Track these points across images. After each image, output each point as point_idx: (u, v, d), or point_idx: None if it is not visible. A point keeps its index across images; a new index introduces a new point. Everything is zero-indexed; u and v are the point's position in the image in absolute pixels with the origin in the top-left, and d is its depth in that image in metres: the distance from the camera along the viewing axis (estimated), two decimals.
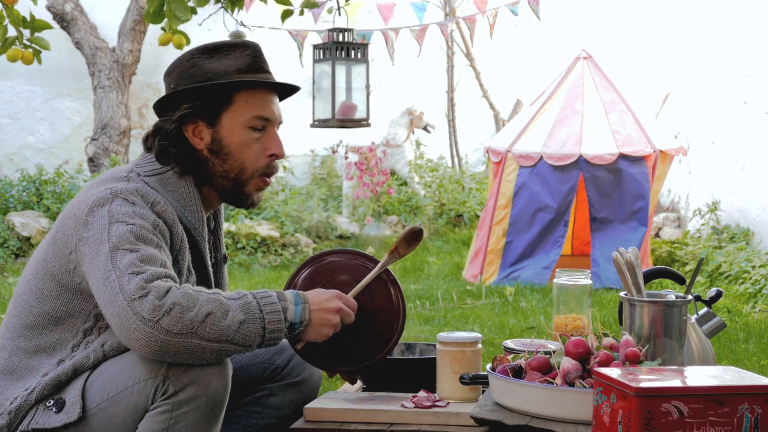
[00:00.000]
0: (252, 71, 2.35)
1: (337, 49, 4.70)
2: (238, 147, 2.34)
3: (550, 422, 2.17)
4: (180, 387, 2.13)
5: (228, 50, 2.35)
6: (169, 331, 2.04)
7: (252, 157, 2.36)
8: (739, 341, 5.30)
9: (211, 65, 2.33)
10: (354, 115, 4.74)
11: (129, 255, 2.12)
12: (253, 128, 2.34)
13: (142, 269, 2.09)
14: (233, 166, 2.35)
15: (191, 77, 2.33)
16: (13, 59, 3.79)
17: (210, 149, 2.34)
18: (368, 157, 8.96)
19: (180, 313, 2.05)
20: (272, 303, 2.15)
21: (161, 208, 2.23)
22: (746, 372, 2.07)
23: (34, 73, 9.97)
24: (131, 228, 2.15)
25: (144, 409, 2.16)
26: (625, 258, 2.39)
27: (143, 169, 2.32)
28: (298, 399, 2.55)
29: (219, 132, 2.34)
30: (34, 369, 2.26)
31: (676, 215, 9.27)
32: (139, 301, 2.05)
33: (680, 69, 9.51)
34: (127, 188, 2.23)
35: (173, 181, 2.32)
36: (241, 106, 2.33)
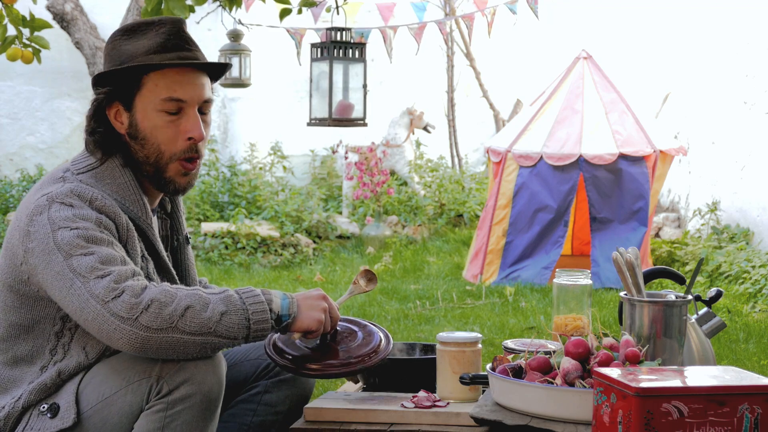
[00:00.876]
0: (164, 50, 2.28)
1: (335, 48, 4.70)
2: (152, 131, 2.28)
3: (550, 422, 2.16)
4: (174, 386, 2.12)
5: (144, 29, 2.29)
6: (148, 327, 2.04)
7: (167, 140, 2.30)
8: (739, 341, 5.30)
9: (127, 47, 2.28)
10: (351, 114, 4.74)
11: (86, 259, 2.09)
12: (166, 111, 2.28)
13: (107, 271, 2.08)
14: (151, 151, 2.30)
15: (109, 59, 2.31)
16: (13, 58, 3.78)
17: (129, 134, 2.30)
18: (368, 157, 8.96)
19: (158, 308, 2.05)
20: (255, 295, 2.15)
21: (100, 203, 2.20)
22: (746, 372, 2.06)
23: (34, 73, 9.97)
24: (77, 232, 2.12)
25: (139, 409, 2.15)
26: (625, 258, 2.38)
27: (78, 166, 2.29)
28: (293, 395, 2.53)
29: (134, 116, 2.29)
30: (17, 379, 2.26)
31: (676, 215, 9.26)
32: (114, 302, 2.04)
33: (680, 69, 9.51)
34: (62, 191, 2.19)
35: (109, 173, 2.28)
36: (151, 89, 2.27)
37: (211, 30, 9.59)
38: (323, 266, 7.97)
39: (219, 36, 9.61)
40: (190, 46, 2.32)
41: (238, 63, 6.27)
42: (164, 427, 2.13)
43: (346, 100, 4.74)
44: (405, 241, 8.74)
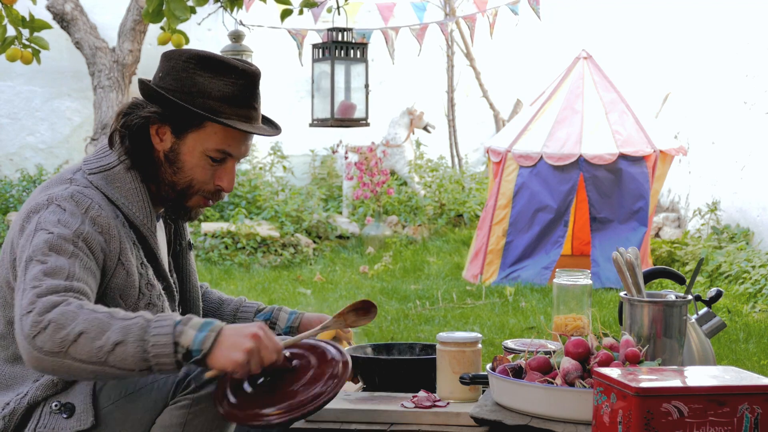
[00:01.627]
0: (236, 104, 2.28)
1: (336, 49, 4.70)
2: (192, 167, 2.30)
3: (550, 422, 2.16)
4: (201, 383, 2.14)
5: (224, 71, 2.29)
6: (41, 348, 1.97)
7: (202, 179, 2.32)
8: (739, 341, 5.30)
9: (201, 80, 2.27)
10: (353, 114, 4.74)
11: (37, 267, 2.09)
12: (212, 158, 2.30)
13: (41, 283, 2.05)
14: (181, 182, 2.31)
15: (177, 81, 2.28)
16: (13, 59, 3.79)
17: (166, 156, 2.30)
18: (368, 157, 8.96)
19: (53, 331, 1.97)
20: (164, 326, 1.99)
21: (95, 212, 2.20)
22: (746, 372, 2.07)
23: (34, 73, 9.97)
24: (48, 237, 2.12)
25: (163, 404, 2.17)
26: (625, 258, 2.38)
27: (91, 165, 2.30)
28: None
29: (180, 146, 2.29)
30: (20, 376, 2.26)
31: (676, 215, 9.26)
32: (26, 317, 2.01)
33: (680, 69, 9.51)
34: (63, 193, 2.20)
35: (120, 177, 2.29)
36: (209, 135, 2.28)
37: (211, 30, 9.60)
38: (323, 266, 7.97)
39: (220, 36, 9.62)
40: (257, 105, 2.34)
41: None
42: (186, 423, 2.15)
43: (348, 101, 4.74)
44: (405, 241, 8.74)
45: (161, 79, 2.31)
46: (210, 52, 2.32)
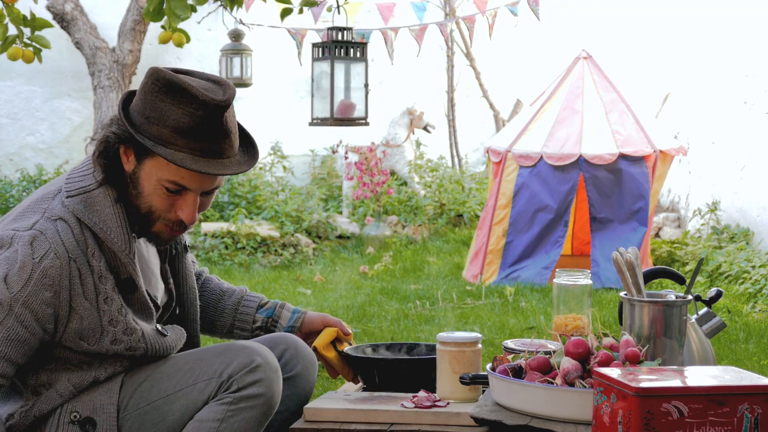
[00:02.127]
0: (191, 136, 2.19)
1: (336, 48, 4.70)
2: (149, 195, 2.25)
3: (550, 422, 2.16)
4: (244, 384, 2.21)
5: (185, 100, 2.18)
6: None
7: (160, 207, 2.26)
8: (739, 341, 5.29)
9: (162, 105, 2.19)
10: (352, 114, 4.74)
11: None
12: (166, 188, 2.24)
13: None
14: (143, 206, 2.26)
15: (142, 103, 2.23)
16: (14, 58, 3.79)
17: (130, 177, 2.26)
18: (368, 157, 8.96)
19: None
20: None
21: (49, 263, 2.17)
22: (746, 372, 2.07)
23: (34, 73, 9.96)
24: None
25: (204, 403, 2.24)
26: (625, 258, 2.38)
27: (71, 186, 2.26)
28: (292, 394, 2.54)
29: (140, 170, 2.24)
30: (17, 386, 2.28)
31: (676, 215, 9.26)
32: None
33: (680, 69, 9.50)
34: (25, 236, 2.18)
35: (99, 201, 2.25)
36: (161, 165, 2.22)
37: (211, 30, 9.59)
38: (323, 266, 7.97)
39: (219, 36, 9.62)
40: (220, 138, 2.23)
41: (239, 63, 6.28)
42: (224, 419, 2.21)
43: (347, 100, 4.74)
44: (405, 241, 8.74)
45: (137, 96, 2.27)
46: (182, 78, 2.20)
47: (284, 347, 2.57)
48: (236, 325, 2.69)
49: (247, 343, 2.32)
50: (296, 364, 2.56)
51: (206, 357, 2.26)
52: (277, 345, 2.57)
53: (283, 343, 2.57)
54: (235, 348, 2.28)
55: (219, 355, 2.26)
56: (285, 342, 2.58)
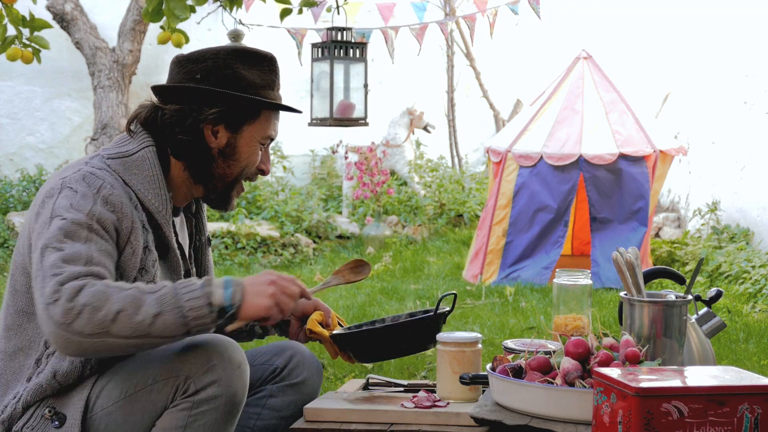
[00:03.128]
0: (275, 88, 2.43)
1: (335, 48, 4.70)
2: (248, 156, 2.41)
3: (550, 422, 2.16)
4: (201, 386, 2.15)
5: (256, 60, 2.41)
6: (81, 332, 2.02)
7: (251, 164, 2.43)
8: (739, 341, 5.29)
9: (245, 73, 2.37)
10: (352, 114, 4.74)
11: (54, 254, 2.11)
12: (262, 144, 2.43)
13: (61, 270, 2.08)
14: (235, 171, 2.41)
15: (225, 78, 2.35)
16: (13, 58, 3.79)
17: (221, 151, 2.38)
18: (368, 157, 8.96)
19: (90, 313, 2.02)
20: (192, 291, 2.09)
21: (107, 191, 2.22)
22: (746, 372, 2.06)
23: (34, 73, 9.97)
24: (63, 224, 2.14)
25: (163, 407, 2.18)
26: (625, 258, 2.38)
27: (110, 151, 2.33)
28: (297, 400, 2.55)
29: (237, 139, 2.39)
30: (17, 372, 2.27)
31: (676, 215, 9.26)
32: (53, 306, 2.03)
33: (680, 69, 9.51)
34: (76, 176, 2.23)
35: (138, 164, 2.31)
36: (262, 123, 2.40)
37: (211, 30, 9.59)
38: (323, 266, 7.97)
39: (219, 36, 9.62)
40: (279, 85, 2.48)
41: None
42: (187, 426, 2.16)
43: (347, 100, 4.74)
44: (405, 241, 8.74)
45: (201, 80, 2.35)
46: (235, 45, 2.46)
47: (291, 353, 2.59)
48: None
49: (209, 338, 2.23)
50: (302, 371, 2.58)
51: (167, 355, 2.21)
52: (283, 351, 2.59)
53: (290, 350, 2.60)
54: (195, 346, 2.21)
55: (179, 353, 2.21)
56: (292, 349, 2.61)
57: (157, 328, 2.05)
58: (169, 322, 2.05)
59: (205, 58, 2.36)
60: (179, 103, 2.35)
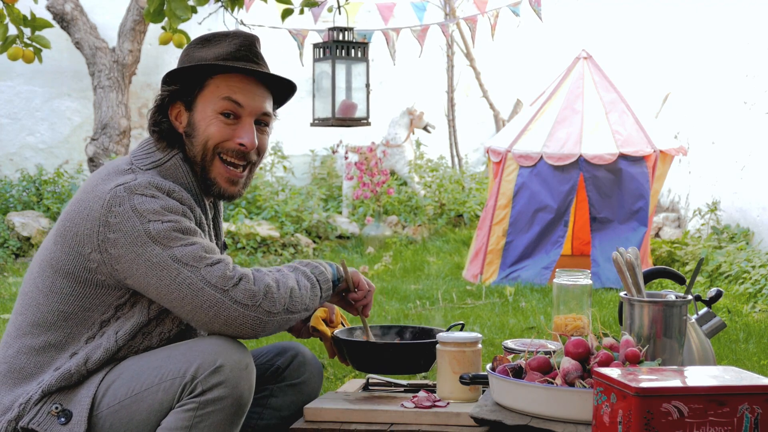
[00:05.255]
0: (233, 58, 2.37)
1: (337, 48, 4.70)
2: (206, 127, 2.35)
3: (550, 422, 2.17)
4: (208, 387, 2.16)
5: (219, 40, 2.39)
6: (269, 311, 2.20)
7: (217, 135, 2.36)
8: (739, 341, 5.30)
9: (200, 53, 2.38)
10: (354, 114, 4.74)
11: (189, 249, 2.18)
12: (222, 113, 2.35)
13: (214, 259, 2.19)
14: (199, 147, 2.36)
15: (181, 63, 2.40)
16: (14, 58, 3.79)
17: (186, 132, 2.37)
18: (368, 157, 8.96)
19: (274, 294, 2.22)
20: (320, 269, 2.42)
21: (178, 195, 2.27)
22: (746, 372, 2.07)
23: (34, 73, 9.97)
24: (170, 225, 2.20)
25: (169, 407, 2.18)
26: (625, 258, 2.38)
27: (141, 162, 2.34)
28: (298, 400, 2.56)
29: (193, 116, 2.37)
30: (44, 365, 2.27)
31: (676, 215, 9.26)
32: (235, 289, 2.16)
33: (680, 69, 9.51)
34: (140, 182, 2.24)
35: (171, 172, 2.34)
36: (212, 90, 2.35)
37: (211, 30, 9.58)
38: None
39: None
40: (258, 60, 2.42)
41: None
42: (192, 427, 2.16)
43: (348, 100, 4.74)
44: (405, 241, 8.74)
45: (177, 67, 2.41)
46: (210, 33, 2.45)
47: (293, 354, 2.60)
48: None
49: (215, 340, 2.23)
50: (304, 371, 2.60)
51: (173, 354, 2.21)
52: (285, 352, 2.60)
53: (292, 350, 2.61)
54: (202, 346, 2.21)
55: (185, 353, 2.21)
56: (293, 349, 2.62)
57: (312, 302, 2.34)
58: (316, 296, 2.36)
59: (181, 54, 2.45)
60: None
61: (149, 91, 10.40)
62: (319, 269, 2.41)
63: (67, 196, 8.73)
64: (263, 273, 2.25)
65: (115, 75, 9.58)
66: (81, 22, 9.60)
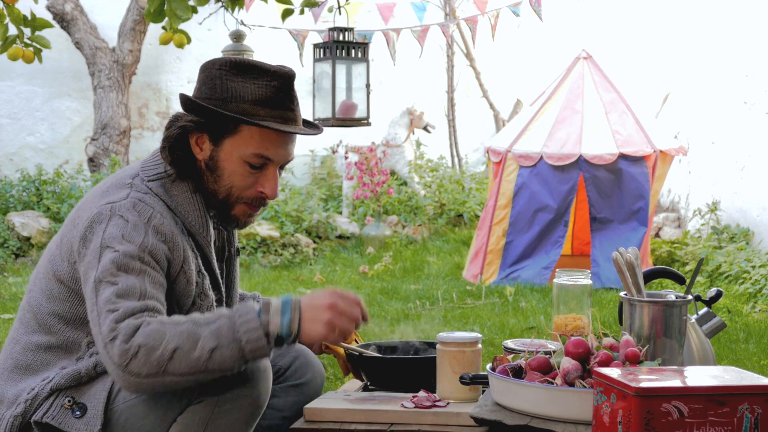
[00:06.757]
0: (271, 106, 2.27)
1: (337, 48, 4.70)
2: (231, 174, 2.29)
3: (550, 422, 2.17)
4: (228, 385, 2.16)
5: (256, 74, 2.28)
6: (138, 374, 2.02)
7: (241, 185, 2.31)
8: (739, 341, 5.30)
9: (234, 85, 2.26)
10: (354, 114, 4.74)
11: (108, 289, 2.10)
12: (250, 164, 2.29)
13: (117, 306, 2.07)
14: (222, 189, 2.31)
15: (210, 89, 2.28)
16: (14, 58, 3.79)
17: (207, 164, 2.30)
18: (368, 157, 8.96)
19: (146, 354, 2.01)
20: (249, 321, 2.06)
21: (158, 222, 2.20)
22: (746, 372, 2.07)
23: (34, 73, 9.97)
24: (115, 256, 2.13)
25: (187, 403, 2.19)
26: (625, 258, 2.38)
27: (149, 172, 2.30)
28: (300, 401, 2.56)
29: (218, 153, 2.29)
30: (51, 363, 2.27)
31: (676, 215, 9.26)
32: (111, 344, 2.04)
33: (680, 69, 9.51)
34: (125, 203, 2.20)
35: (177, 185, 2.30)
36: (245, 140, 2.27)
37: (212, 30, 9.59)
38: (323, 266, 7.97)
39: (220, 36, 9.63)
40: (294, 106, 2.31)
41: None
42: (209, 423, 2.17)
43: (349, 100, 4.74)
44: (405, 241, 8.74)
45: (198, 90, 2.31)
46: (245, 58, 2.32)
47: (295, 355, 2.60)
48: None
49: None
50: (305, 372, 2.60)
51: None
52: (287, 352, 2.61)
53: (294, 351, 2.62)
54: None
55: None
56: (296, 350, 2.63)
57: (215, 363, 2.04)
58: (227, 356, 2.04)
59: (206, 67, 2.31)
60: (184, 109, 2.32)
61: (149, 91, 10.40)
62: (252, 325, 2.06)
63: (67, 196, 8.74)
64: (151, 331, 2.03)
65: (115, 75, 9.59)
66: (81, 22, 9.61)
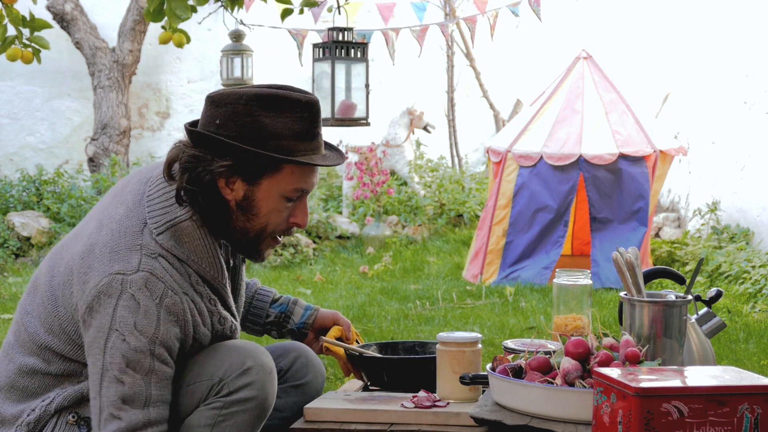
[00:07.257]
0: (306, 138, 2.22)
1: (336, 48, 4.70)
2: (269, 212, 2.25)
3: (550, 422, 2.17)
4: (234, 388, 2.18)
5: (287, 107, 2.20)
6: None
7: (277, 221, 2.27)
8: (739, 341, 5.30)
9: (267, 120, 2.18)
10: (353, 114, 4.74)
11: (114, 386, 2.10)
12: (288, 198, 2.25)
13: (120, 414, 2.09)
14: (256, 227, 2.26)
15: (241, 127, 2.17)
16: (13, 58, 3.79)
17: (239, 204, 2.23)
18: (368, 157, 8.96)
19: None
20: None
21: (170, 300, 2.16)
22: (746, 372, 2.07)
23: (34, 73, 9.97)
24: (125, 350, 2.11)
25: (195, 407, 2.21)
26: (625, 258, 2.38)
27: (158, 222, 2.21)
28: (300, 401, 2.56)
29: (255, 192, 2.22)
30: (50, 386, 2.27)
31: (676, 215, 9.26)
32: None
33: (680, 69, 9.51)
34: (137, 280, 2.13)
35: (189, 233, 2.22)
36: (286, 176, 2.22)
37: (211, 30, 9.59)
38: (323, 266, 7.97)
39: (220, 36, 9.62)
40: (321, 134, 2.29)
41: (240, 63, 6.29)
42: (215, 425, 2.18)
43: (348, 100, 4.74)
44: (405, 241, 8.74)
45: (220, 126, 2.19)
46: (268, 90, 2.22)
47: (296, 355, 2.60)
48: (249, 318, 2.71)
49: (241, 343, 2.26)
50: (306, 372, 2.60)
51: (199, 359, 2.23)
52: (288, 353, 2.60)
53: (295, 351, 2.61)
54: (229, 349, 2.23)
55: (212, 357, 2.23)
56: (296, 350, 2.62)
57: None
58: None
59: (227, 102, 2.19)
60: (201, 147, 2.20)
61: (149, 91, 10.39)
62: None
63: (67, 196, 8.73)
64: None
65: (115, 75, 9.58)
66: (81, 22, 9.60)
